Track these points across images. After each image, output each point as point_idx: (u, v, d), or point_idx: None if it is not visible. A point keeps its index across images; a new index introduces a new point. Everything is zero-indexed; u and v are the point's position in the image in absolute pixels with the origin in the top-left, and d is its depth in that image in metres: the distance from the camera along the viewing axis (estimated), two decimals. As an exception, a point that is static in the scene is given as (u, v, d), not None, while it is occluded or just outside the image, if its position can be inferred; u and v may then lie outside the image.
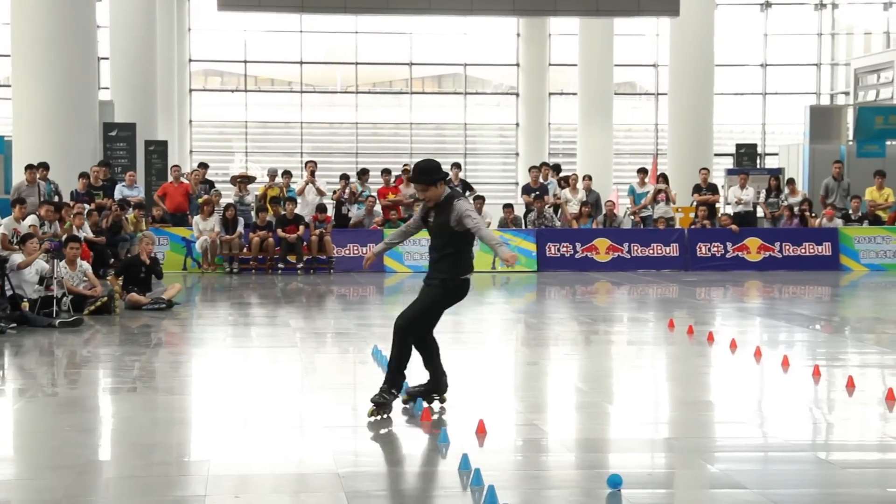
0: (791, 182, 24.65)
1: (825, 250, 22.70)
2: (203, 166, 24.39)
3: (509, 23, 35.07)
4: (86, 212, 19.64)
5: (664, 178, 24.70)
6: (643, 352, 12.30)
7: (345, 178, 23.77)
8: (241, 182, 23.65)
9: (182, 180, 23.06)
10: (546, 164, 25.26)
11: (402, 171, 24.19)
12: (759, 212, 24.83)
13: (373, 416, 8.15)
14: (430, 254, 8.47)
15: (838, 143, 29.13)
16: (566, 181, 24.47)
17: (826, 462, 7.20)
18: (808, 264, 22.43)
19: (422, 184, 8.30)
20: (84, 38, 21.60)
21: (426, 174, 8.28)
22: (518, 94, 35.78)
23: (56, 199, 19.93)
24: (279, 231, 21.52)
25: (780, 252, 22.64)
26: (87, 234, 18.81)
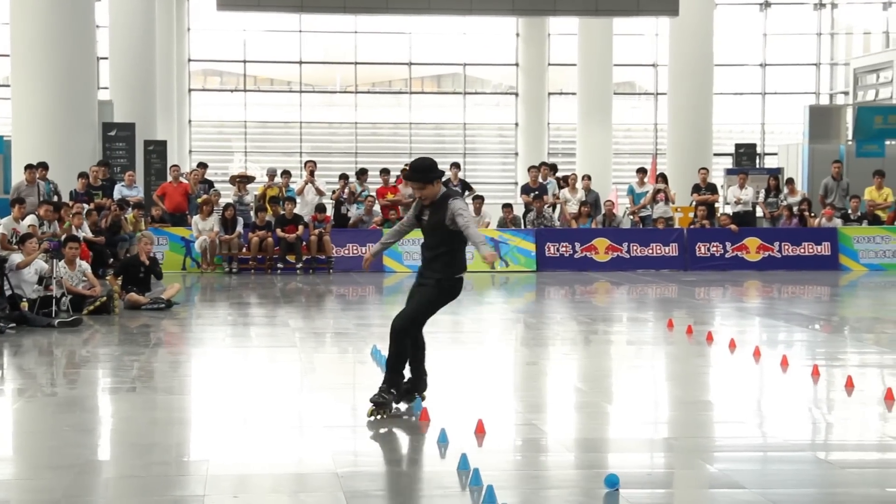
0: (790, 182, 24.64)
1: (824, 250, 22.71)
2: (202, 166, 24.39)
3: (509, 22, 35.07)
4: (85, 212, 19.64)
5: (663, 178, 24.71)
6: (642, 352, 12.30)
7: (344, 177, 23.77)
8: (241, 182, 23.67)
9: (181, 180, 23.06)
10: (545, 164, 25.26)
11: (401, 172, 24.19)
12: (759, 212, 24.83)
13: (372, 416, 8.14)
14: (424, 252, 8.38)
15: (837, 142, 29.13)
16: (565, 181, 24.48)
17: (825, 462, 7.20)
18: (808, 264, 22.43)
19: (418, 182, 8.22)
20: (83, 37, 21.60)
21: (423, 172, 8.22)
22: (517, 94, 35.78)
23: (55, 198, 19.93)
24: (278, 231, 21.52)
25: (780, 252, 22.64)
26: (86, 234, 18.81)
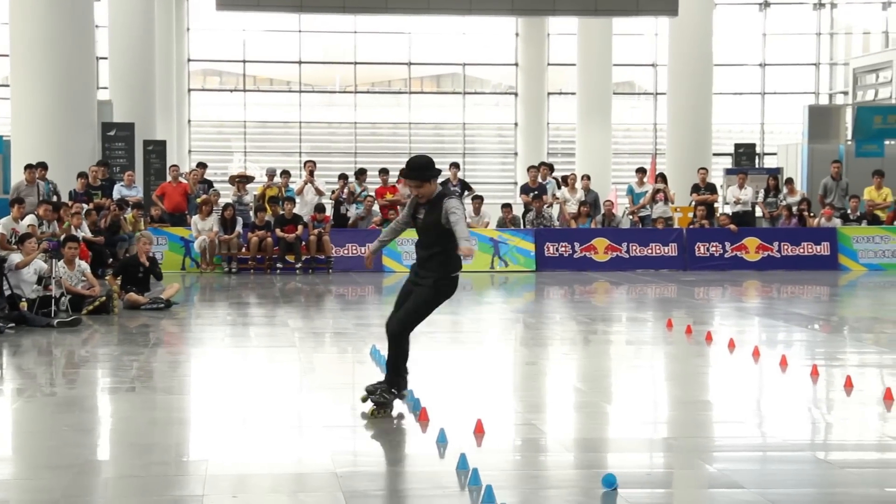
0: (790, 182, 24.64)
1: (824, 250, 22.71)
2: (201, 166, 24.39)
3: (508, 22, 35.08)
4: (84, 211, 19.64)
5: (663, 178, 24.71)
6: (641, 352, 12.30)
7: (343, 177, 23.77)
8: (240, 182, 23.67)
9: (180, 180, 23.06)
10: (545, 164, 25.27)
11: (401, 172, 24.18)
12: (758, 211, 24.83)
13: (373, 416, 8.13)
14: (418, 252, 8.27)
15: (837, 142, 29.14)
16: (564, 181, 24.48)
17: (824, 462, 7.20)
18: (807, 264, 22.43)
19: (416, 180, 8.11)
20: (82, 37, 21.61)
21: (421, 170, 8.11)
22: (517, 94, 35.78)
23: (54, 198, 19.94)
24: (278, 231, 21.52)
25: (779, 252, 22.64)
26: (85, 234, 18.81)
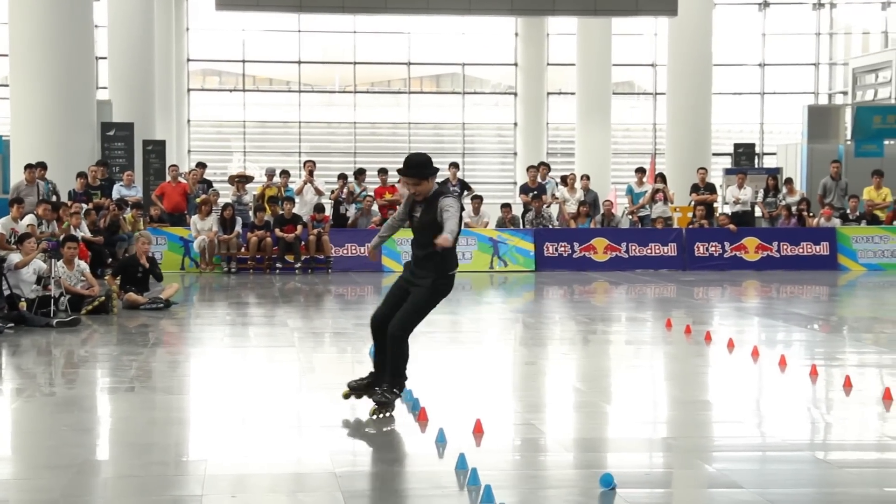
0: (789, 182, 24.64)
1: (823, 250, 22.71)
2: (201, 166, 24.40)
3: (507, 22, 35.08)
4: (83, 211, 19.64)
5: (662, 178, 24.70)
6: (641, 351, 12.30)
7: (343, 177, 23.77)
8: (239, 182, 23.68)
9: (180, 180, 23.06)
10: (544, 164, 25.27)
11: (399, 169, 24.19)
12: (757, 211, 24.83)
13: (375, 415, 8.13)
14: (415, 251, 8.17)
15: (836, 142, 29.15)
16: (564, 181, 24.48)
17: (823, 462, 7.19)
18: (806, 264, 22.43)
19: (414, 177, 8.03)
20: (82, 37, 21.61)
21: (419, 168, 8.03)
22: (516, 94, 35.79)
23: (54, 198, 19.94)
24: (277, 231, 21.51)
25: (778, 252, 22.64)
26: (84, 234, 18.81)
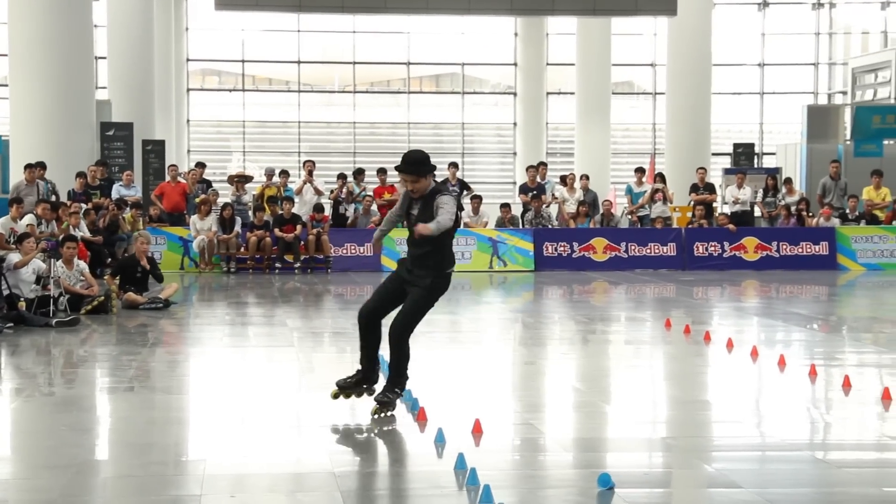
0: (788, 181, 24.65)
1: (822, 250, 22.71)
2: (200, 166, 24.41)
3: (507, 22, 35.08)
4: (82, 211, 19.64)
5: (661, 178, 24.71)
6: (640, 351, 12.30)
7: (342, 177, 23.77)
8: (239, 181, 23.68)
9: (179, 180, 23.06)
10: (543, 164, 25.28)
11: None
12: (757, 211, 24.84)
13: (376, 415, 8.13)
14: (411, 249, 8.08)
15: (835, 142, 29.15)
16: (563, 180, 24.48)
17: (822, 461, 7.19)
18: (806, 264, 22.43)
19: (412, 175, 7.97)
20: (81, 37, 21.60)
21: (417, 165, 7.98)
22: (516, 94, 35.79)
23: (53, 198, 19.93)
24: (276, 230, 21.51)
25: (778, 251, 22.64)
26: (83, 234, 18.81)
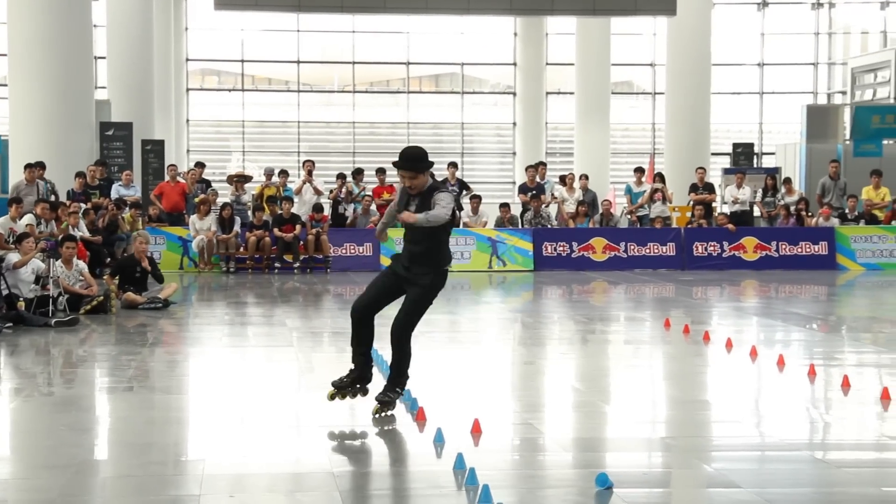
0: (787, 181, 24.66)
1: (822, 249, 22.71)
2: (200, 165, 24.42)
3: (506, 22, 35.08)
4: (82, 211, 19.64)
5: (661, 178, 24.71)
6: (639, 351, 12.29)
7: (341, 177, 23.76)
8: (238, 181, 23.68)
9: (179, 179, 23.06)
10: (543, 164, 25.29)
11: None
12: (756, 211, 24.84)
13: (377, 414, 8.14)
14: (408, 246, 8.07)
15: (835, 142, 29.14)
16: (562, 180, 24.48)
17: (822, 461, 7.19)
18: (805, 263, 22.43)
19: (410, 171, 7.95)
20: (80, 37, 21.60)
21: (415, 161, 7.96)
22: (515, 94, 35.79)
23: (52, 198, 19.93)
24: (276, 230, 21.50)
25: (777, 251, 22.65)
26: (83, 234, 18.81)
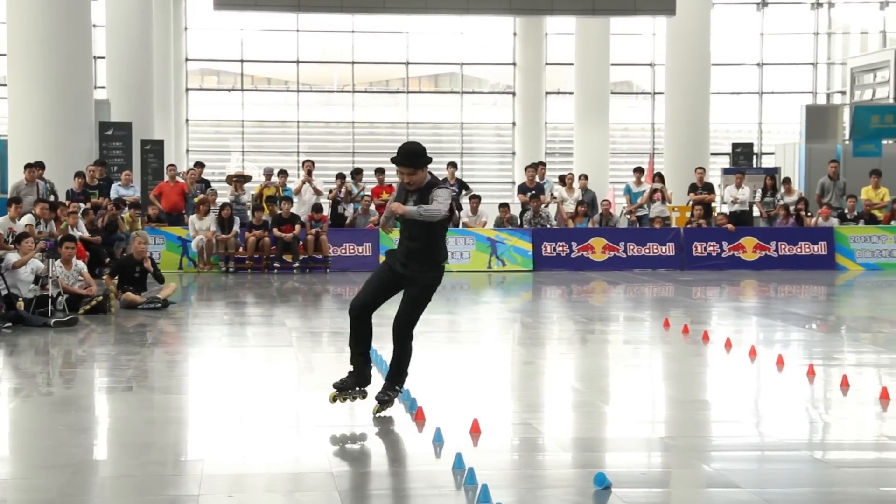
0: (787, 181, 24.66)
1: (821, 250, 22.71)
2: (199, 165, 24.42)
3: (506, 22, 35.08)
4: (81, 211, 19.63)
5: (660, 178, 24.71)
6: (639, 351, 12.30)
7: (341, 177, 23.76)
8: (238, 181, 23.67)
9: (178, 179, 23.06)
10: (542, 164, 25.29)
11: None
12: (755, 211, 24.84)
13: (378, 413, 8.15)
14: (405, 242, 8.05)
15: (834, 142, 29.15)
16: (562, 180, 24.48)
17: (821, 461, 7.19)
18: (804, 264, 22.43)
19: (409, 167, 7.91)
20: (80, 37, 21.59)
21: (413, 157, 7.93)
22: (514, 94, 35.79)
23: (51, 198, 19.92)
24: (275, 230, 21.50)
25: (776, 251, 22.65)
26: (82, 234, 18.81)
